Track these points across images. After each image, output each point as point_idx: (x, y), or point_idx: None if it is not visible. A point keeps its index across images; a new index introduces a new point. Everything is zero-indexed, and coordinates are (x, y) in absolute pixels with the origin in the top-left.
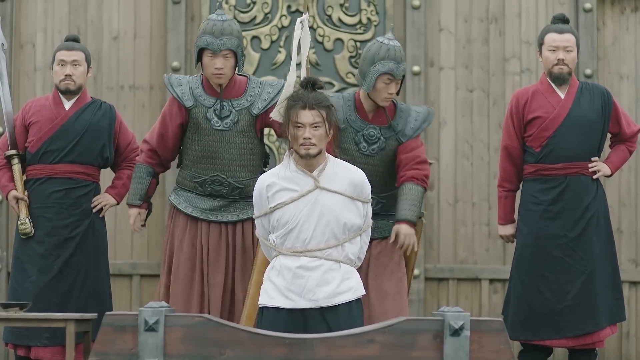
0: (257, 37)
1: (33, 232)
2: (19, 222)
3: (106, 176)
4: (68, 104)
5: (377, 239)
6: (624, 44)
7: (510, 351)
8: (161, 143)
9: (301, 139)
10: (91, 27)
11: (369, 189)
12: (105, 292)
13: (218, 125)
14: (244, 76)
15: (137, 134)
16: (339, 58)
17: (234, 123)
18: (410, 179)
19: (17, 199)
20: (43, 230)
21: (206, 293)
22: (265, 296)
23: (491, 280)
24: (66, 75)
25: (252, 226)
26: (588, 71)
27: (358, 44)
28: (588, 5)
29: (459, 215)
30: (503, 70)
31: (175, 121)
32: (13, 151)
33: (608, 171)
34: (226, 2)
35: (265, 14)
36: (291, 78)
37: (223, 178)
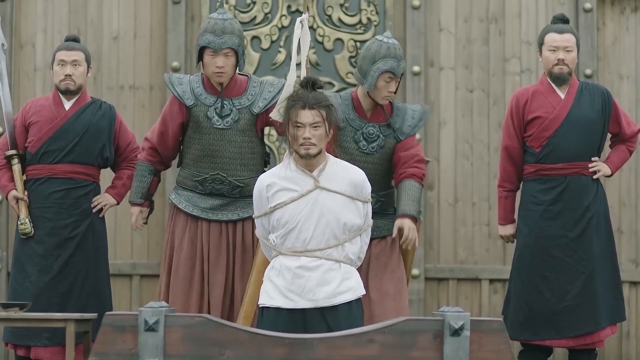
0: (257, 37)
1: (33, 232)
2: (19, 222)
3: (106, 176)
4: (68, 104)
5: (377, 239)
6: (624, 44)
7: (510, 351)
8: (162, 142)
9: (301, 139)
10: (91, 27)
11: (369, 189)
12: (105, 292)
13: (219, 123)
14: (245, 75)
15: (137, 134)
16: (339, 58)
17: (235, 122)
18: (411, 176)
19: (17, 199)
20: (43, 230)
21: (205, 292)
22: (265, 296)
23: (491, 280)
24: (66, 75)
25: (252, 225)
26: (588, 71)
27: (358, 44)
28: (588, 5)
29: (459, 215)
30: (503, 70)
31: (176, 120)
32: (13, 151)
33: (608, 171)
34: (226, 2)
35: (265, 14)
36: (291, 78)
37: (223, 177)
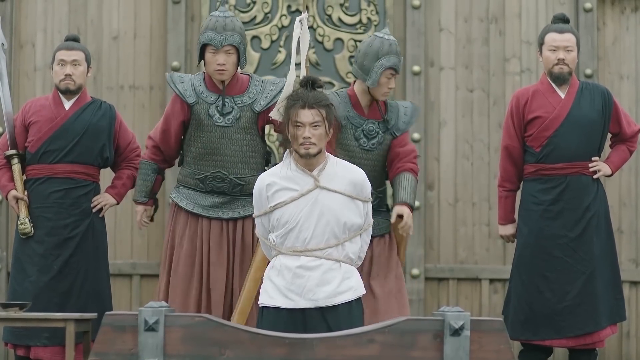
0: (257, 37)
1: (33, 232)
2: (19, 222)
3: (106, 176)
4: (68, 104)
5: (377, 237)
6: (624, 44)
7: (510, 351)
8: (164, 140)
9: (301, 139)
10: (91, 27)
11: (369, 188)
12: (105, 292)
13: (220, 121)
14: (247, 75)
15: (137, 134)
16: (339, 58)
17: (236, 120)
18: (409, 170)
19: (17, 199)
20: (43, 230)
21: (205, 290)
22: (265, 296)
23: (491, 280)
24: (66, 75)
25: (253, 224)
26: (588, 71)
27: (358, 44)
28: (588, 5)
29: (459, 215)
30: (503, 70)
31: (177, 118)
32: (13, 151)
33: (608, 171)
34: (226, 2)
35: (265, 14)
36: (291, 77)
37: (224, 175)
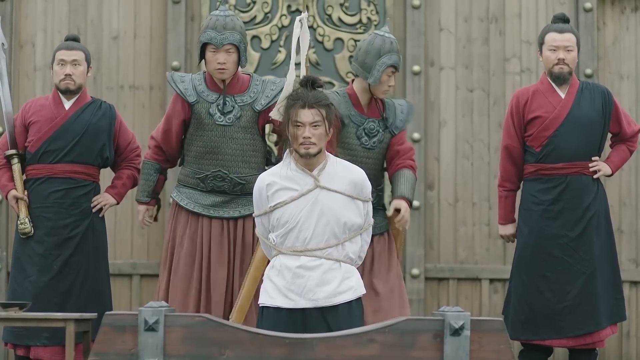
0: (257, 37)
1: (33, 232)
2: (19, 222)
3: (106, 176)
4: (68, 104)
5: (377, 235)
6: (624, 44)
7: (510, 351)
8: (166, 140)
9: (301, 138)
10: (91, 27)
11: (369, 188)
12: (105, 292)
13: (221, 120)
14: (247, 75)
15: (137, 134)
16: (339, 58)
17: (237, 118)
18: (409, 167)
19: (17, 199)
20: (43, 230)
21: (204, 289)
22: (265, 296)
23: (491, 280)
24: (66, 74)
25: (253, 223)
26: (588, 71)
27: (358, 44)
28: (588, 4)
29: (459, 215)
30: (503, 70)
31: (178, 117)
32: (13, 151)
33: (608, 171)
34: (226, 1)
35: (265, 14)
36: (291, 77)
37: (225, 174)
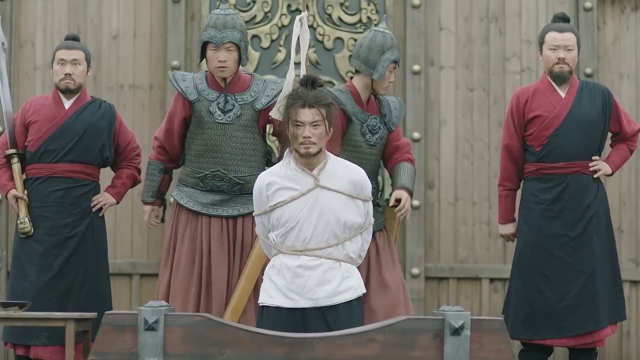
0: (257, 36)
1: (32, 232)
2: (19, 222)
3: (106, 176)
4: (68, 103)
5: (377, 231)
6: (625, 43)
7: (510, 350)
8: (168, 139)
9: (301, 138)
10: (91, 27)
11: (370, 187)
12: (104, 292)
13: (221, 118)
14: (249, 74)
15: (137, 134)
16: (339, 57)
17: (237, 117)
18: (408, 160)
19: (17, 198)
20: (42, 229)
21: (204, 288)
22: (265, 295)
23: (491, 279)
24: (66, 74)
25: (252, 222)
26: (588, 70)
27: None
28: (588, 4)
29: (460, 214)
30: (503, 69)
31: (179, 116)
32: (13, 150)
33: (609, 170)
34: (226, 1)
35: (265, 13)
36: (290, 76)
37: (224, 173)
